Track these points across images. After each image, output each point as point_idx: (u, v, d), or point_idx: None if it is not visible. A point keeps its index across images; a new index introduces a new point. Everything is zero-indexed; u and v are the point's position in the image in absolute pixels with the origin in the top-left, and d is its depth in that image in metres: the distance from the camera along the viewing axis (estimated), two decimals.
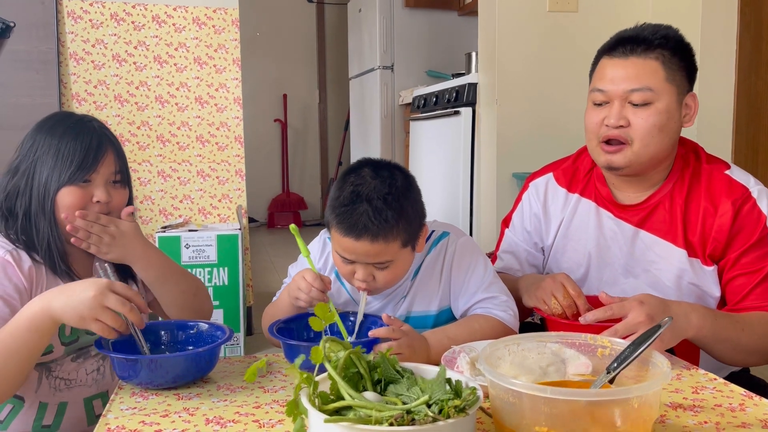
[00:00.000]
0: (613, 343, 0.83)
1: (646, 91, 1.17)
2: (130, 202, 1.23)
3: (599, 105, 1.23)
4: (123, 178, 1.19)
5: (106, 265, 1.10)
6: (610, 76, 1.21)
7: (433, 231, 1.22)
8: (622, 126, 1.19)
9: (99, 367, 1.20)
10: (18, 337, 0.98)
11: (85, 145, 1.13)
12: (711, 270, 1.20)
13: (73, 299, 0.96)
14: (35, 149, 1.14)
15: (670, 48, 1.19)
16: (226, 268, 2.57)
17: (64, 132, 1.14)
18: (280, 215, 6.16)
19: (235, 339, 2.63)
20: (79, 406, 1.18)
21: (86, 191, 1.14)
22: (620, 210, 1.29)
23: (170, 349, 1.10)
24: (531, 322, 1.45)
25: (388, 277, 1.11)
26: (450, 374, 0.75)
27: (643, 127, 1.18)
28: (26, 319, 0.98)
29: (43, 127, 1.16)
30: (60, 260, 1.13)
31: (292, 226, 1.12)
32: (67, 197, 1.12)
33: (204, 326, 1.13)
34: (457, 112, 2.90)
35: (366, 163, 1.12)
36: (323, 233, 1.27)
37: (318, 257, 1.26)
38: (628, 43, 1.20)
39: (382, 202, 1.05)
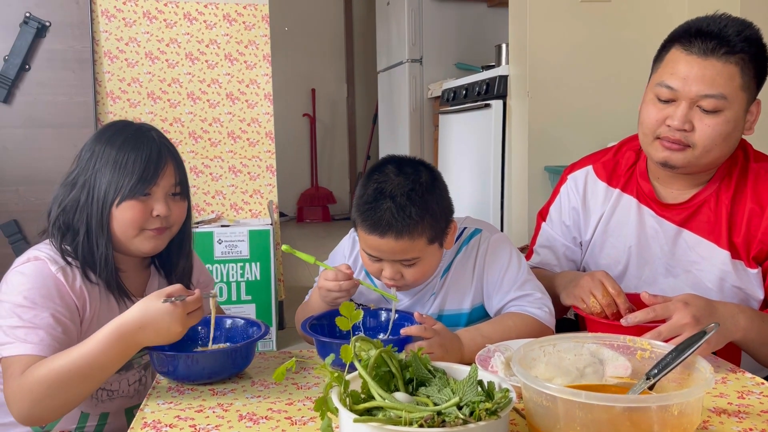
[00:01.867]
0: (653, 345, 0.81)
1: (720, 98, 1.09)
2: (188, 214, 1.19)
3: (663, 102, 1.14)
4: (183, 189, 1.15)
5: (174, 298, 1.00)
6: (683, 73, 1.10)
7: (465, 228, 1.21)
8: (685, 130, 1.12)
9: (141, 377, 1.20)
10: (103, 365, 0.96)
11: (145, 156, 1.09)
12: (755, 273, 1.16)
13: (163, 335, 0.97)
14: (94, 161, 1.10)
15: (750, 53, 1.10)
16: (258, 263, 2.59)
17: (123, 142, 1.10)
18: (309, 209, 6.19)
19: (268, 334, 2.65)
20: (120, 416, 1.18)
21: (146, 205, 1.10)
22: (663, 208, 1.25)
23: (206, 344, 1.11)
24: (567, 318, 1.42)
25: (417, 274, 1.10)
26: (483, 375, 0.74)
27: (708, 135, 1.11)
28: (113, 347, 0.95)
29: (101, 138, 1.12)
30: (115, 278, 1.11)
31: (285, 246, 1.15)
32: (127, 212, 1.08)
33: (240, 322, 1.14)
34: (487, 105, 2.86)
35: (390, 160, 1.12)
36: (352, 231, 1.27)
37: (348, 255, 1.26)
38: (709, 39, 1.09)
39: (405, 199, 1.05)
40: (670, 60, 1.14)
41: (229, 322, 1.15)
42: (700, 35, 1.10)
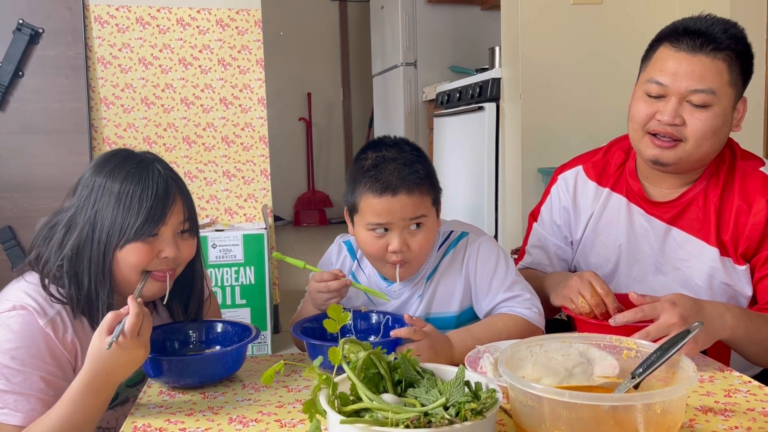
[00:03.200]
0: (639, 345, 0.81)
1: (709, 93, 1.11)
2: (198, 251, 1.09)
3: (653, 97, 1.16)
4: (192, 226, 1.06)
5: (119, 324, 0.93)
6: (673, 69, 1.13)
7: (452, 231, 1.22)
8: (676, 124, 1.13)
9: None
10: (84, 413, 0.91)
11: (151, 193, 0.99)
12: (743, 269, 1.17)
13: (133, 366, 0.93)
14: (94, 198, 0.99)
15: (736, 51, 1.13)
16: (252, 267, 2.59)
17: (126, 177, 0.99)
18: (305, 213, 6.20)
19: (262, 337, 2.66)
20: None
21: (153, 246, 1.00)
22: (652, 207, 1.25)
23: (198, 348, 1.11)
24: (558, 319, 1.43)
25: (422, 241, 1.11)
26: (471, 376, 0.74)
27: (699, 129, 1.12)
28: (95, 401, 0.92)
29: (101, 171, 1.01)
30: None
31: (276, 254, 1.17)
32: (131, 256, 0.99)
33: (231, 326, 1.14)
34: (481, 108, 2.87)
35: (375, 141, 1.17)
36: (339, 239, 1.29)
37: (335, 261, 1.26)
38: (697, 36, 1.12)
39: (408, 158, 1.10)
40: (659, 58, 1.16)
41: (221, 326, 1.15)
42: (687, 33, 1.13)
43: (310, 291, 1.15)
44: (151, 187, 1.00)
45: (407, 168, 1.08)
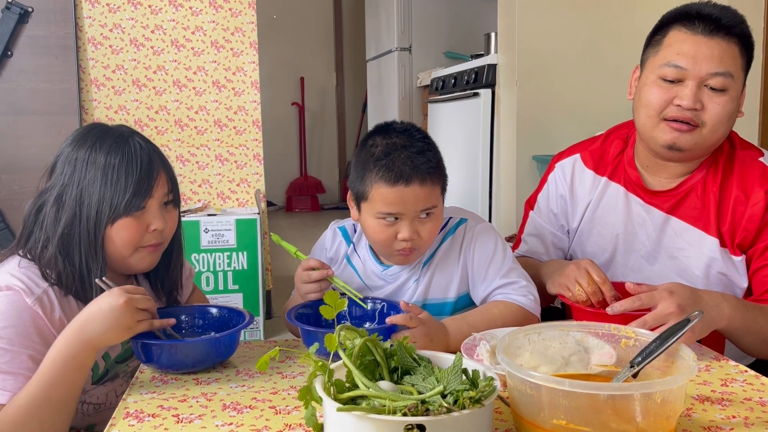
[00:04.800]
0: (638, 334, 0.81)
1: (728, 76, 1.10)
2: (179, 222, 1.11)
3: (670, 82, 1.13)
4: (175, 196, 1.07)
5: (104, 279, 0.98)
6: (691, 52, 1.10)
7: (450, 218, 1.21)
8: (695, 109, 1.11)
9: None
10: (63, 381, 0.91)
11: (137, 166, 0.99)
12: (739, 260, 1.17)
13: (110, 320, 0.91)
14: (78, 175, 0.99)
15: (745, 35, 1.13)
16: (245, 253, 2.57)
17: (109, 151, 1.00)
18: (298, 198, 6.17)
19: (255, 323, 2.65)
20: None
21: (141, 221, 1.01)
22: (650, 196, 1.25)
23: (191, 333, 1.10)
24: (554, 307, 1.42)
25: (432, 228, 1.11)
26: (468, 363, 0.73)
27: (718, 114, 1.11)
28: (67, 360, 0.91)
29: (82, 146, 1.01)
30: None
31: (274, 236, 1.15)
32: (122, 231, 1.00)
33: (225, 311, 1.13)
34: (476, 94, 2.85)
35: (383, 126, 1.15)
36: (333, 224, 1.27)
37: (330, 246, 1.25)
38: (710, 21, 1.11)
39: (420, 146, 1.09)
40: (673, 41, 1.14)
41: (214, 311, 1.14)
42: (700, 17, 1.12)
43: (295, 279, 1.14)
44: (135, 160, 1.00)
45: (420, 157, 1.07)
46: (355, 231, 1.24)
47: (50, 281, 1.00)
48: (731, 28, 1.11)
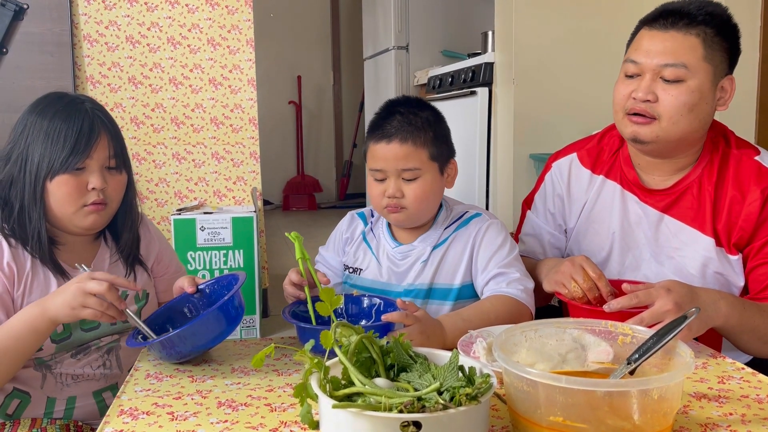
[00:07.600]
0: (635, 331, 0.80)
1: (680, 67, 1.12)
2: (129, 186, 1.18)
3: (630, 77, 1.18)
4: (119, 162, 1.14)
5: (83, 264, 1.07)
6: (646, 47, 1.16)
7: (466, 212, 1.27)
8: (649, 101, 1.14)
9: (105, 362, 1.19)
10: (17, 338, 1.01)
11: (76, 129, 1.08)
12: (736, 259, 1.17)
13: (62, 295, 0.99)
14: (26, 134, 1.09)
15: (714, 26, 1.13)
16: (241, 251, 2.57)
17: (55, 115, 1.09)
18: (295, 197, 6.16)
19: (252, 321, 2.64)
20: (89, 399, 1.18)
21: (80, 179, 1.09)
22: (646, 194, 1.25)
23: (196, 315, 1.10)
24: (552, 306, 1.42)
25: (417, 191, 1.17)
26: (464, 360, 0.73)
27: (672, 104, 1.13)
28: (25, 321, 1.01)
29: (34, 110, 1.11)
30: (48, 253, 1.10)
31: (294, 233, 1.16)
32: (61, 187, 1.08)
33: (216, 284, 1.11)
34: (473, 93, 2.85)
35: (396, 98, 1.25)
36: (351, 212, 1.37)
37: (345, 229, 1.33)
38: (671, 15, 1.15)
39: (412, 111, 1.18)
40: (636, 40, 1.21)
41: (207, 290, 1.11)
42: (663, 14, 1.17)
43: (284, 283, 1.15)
44: (76, 123, 1.08)
45: (406, 119, 1.17)
46: (373, 215, 1.32)
47: (3, 229, 1.09)
48: (692, 19, 1.13)
